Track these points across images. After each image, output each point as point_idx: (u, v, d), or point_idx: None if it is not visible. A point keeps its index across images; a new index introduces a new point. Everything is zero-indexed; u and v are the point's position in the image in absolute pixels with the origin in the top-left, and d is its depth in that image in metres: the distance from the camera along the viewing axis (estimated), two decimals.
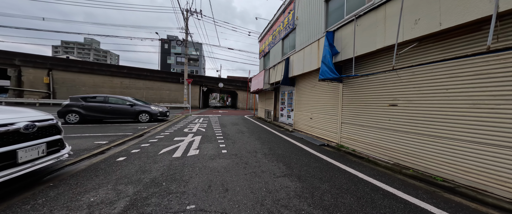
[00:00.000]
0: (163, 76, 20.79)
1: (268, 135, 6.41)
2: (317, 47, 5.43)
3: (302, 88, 7.09)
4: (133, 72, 19.76)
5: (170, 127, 7.59)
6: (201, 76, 23.57)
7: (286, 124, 9.09)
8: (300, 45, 7.59)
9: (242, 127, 8.29)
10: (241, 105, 24.86)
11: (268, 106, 11.99)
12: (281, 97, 10.30)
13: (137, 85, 19.99)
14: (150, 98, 20.42)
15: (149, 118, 8.61)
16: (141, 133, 5.95)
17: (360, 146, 4.11)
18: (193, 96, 22.29)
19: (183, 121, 9.83)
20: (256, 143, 4.99)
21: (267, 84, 10.87)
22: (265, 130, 7.63)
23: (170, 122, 9.00)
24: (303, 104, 7.00)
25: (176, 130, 6.77)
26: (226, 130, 7.11)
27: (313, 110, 6.20)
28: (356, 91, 4.26)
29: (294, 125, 7.78)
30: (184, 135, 5.84)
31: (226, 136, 5.88)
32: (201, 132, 6.59)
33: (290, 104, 8.91)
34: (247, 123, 9.74)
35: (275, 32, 11.05)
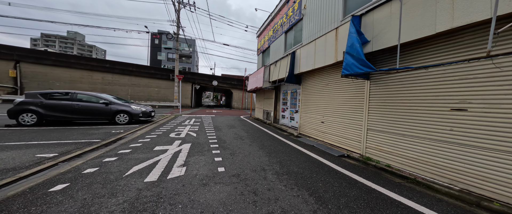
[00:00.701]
0: (152, 73, 19.12)
1: (272, 141, 5.39)
2: (334, 37, 4.48)
3: (311, 86, 6.14)
4: (117, 67, 17.92)
5: (154, 130, 6.34)
6: (194, 73, 22.10)
7: (288, 127, 8.13)
8: (308, 37, 6.63)
9: (240, 130, 7.20)
10: (236, 105, 23.69)
11: (267, 106, 10.98)
12: (282, 97, 9.33)
13: (121, 81, 18.17)
14: (136, 96, 18.68)
15: (129, 119, 7.28)
16: (113, 139, 4.69)
17: (398, 161, 3.20)
18: (185, 94, 20.80)
19: (171, 122, 8.56)
20: (261, 154, 3.95)
21: (267, 83, 9.85)
22: (267, 134, 6.60)
23: (155, 124, 7.71)
24: (312, 105, 6.05)
25: (160, 135, 5.55)
26: (222, 135, 6.00)
27: (326, 112, 5.25)
28: (393, 91, 3.34)
29: (299, 128, 6.82)
30: (169, 142, 4.66)
31: (222, 144, 4.78)
32: (191, 137, 5.43)
33: (294, 105, 7.95)
34: (245, 125, 8.67)
35: (276, 25, 10.05)
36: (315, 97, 5.86)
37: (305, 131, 6.42)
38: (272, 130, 7.75)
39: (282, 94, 9.38)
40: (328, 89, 5.21)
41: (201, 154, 3.81)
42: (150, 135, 5.48)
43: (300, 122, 6.81)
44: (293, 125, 7.90)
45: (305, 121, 6.49)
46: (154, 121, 8.54)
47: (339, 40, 4.30)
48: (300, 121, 6.79)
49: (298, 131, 6.88)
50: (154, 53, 45.19)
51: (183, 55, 47.42)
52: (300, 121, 6.82)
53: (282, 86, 9.54)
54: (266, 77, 9.85)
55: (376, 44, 3.35)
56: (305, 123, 6.48)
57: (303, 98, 6.66)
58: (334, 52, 4.48)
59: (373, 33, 3.41)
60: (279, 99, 9.92)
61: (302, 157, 3.87)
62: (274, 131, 7.38)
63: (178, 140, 4.97)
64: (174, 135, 5.72)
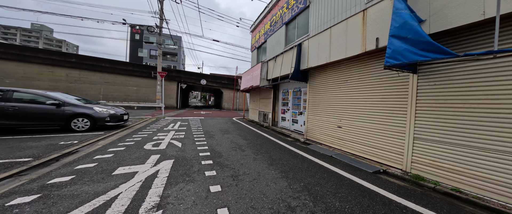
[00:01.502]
0: (129, 69, 16.85)
1: (280, 152, 4.31)
2: (361, 21, 3.56)
3: (322, 84, 5.20)
4: (86, 62, 15.38)
5: (124, 139, 4.85)
6: (180, 71, 20.19)
7: (291, 131, 7.14)
8: (317, 27, 5.71)
9: (236, 136, 6.01)
10: (226, 106, 22.25)
11: (264, 107, 9.91)
12: (282, 97, 8.34)
13: (91, 78, 15.65)
14: (110, 96, 16.27)
15: (91, 125, 5.64)
16: (53, 157, 3.20)
17: (470, 183, 2.33)
18: (169, 94, 18.82)
19: (151, 126, 7.02)
20: (275, 176, 2.84)
21: (264, 81, 8.79)
22: (270, 141, 5.50)
23: (128, 129, 6.14)
24: (324, 106, 5.11)
25: (131, 146, 4.13)
26: (216, 144, 4.75)
27: (345, 115, 4.33)
28: (459, 87, 2.47)
29: (306, 133, 5.85)
30: (142, 159, 3.31)
31: (218, 159, 3.56)
32: (174, 149, 4.10)
33: (297, 106, 7.00)
34: (240, 129, 7.48)
35: (275, 17, 9.05)
36: (328, 96, 4.93)
37: (314, 136, 5.46)
38: (273, 134, 6.69)
39: (281, 94, 8.40)
40: (347, 87, 4.29)
41: (188, 180, 2.57)
42: (116, 147, 4.03)
43: (307, 126, 5.85)
44: (297, 129, 6.93)
45: (313, 124, 5.54)
46: (127, 126, 6.92)
47: (369, 24, 3.39)
48: (307, 125, 5.83)
49: (304, 136, 5.91)
50: (134, 49, 41.44)
51: (168, 53, 44.33)
52: (307, 124, 5.85)
53: (281, 85, 8.55)
54: (263, 75, 8.78)
55: (438, 24, 2.46)
56: (313, 127, 5.52)
57: (311, 98, 5.71)
58: (360, 40, 3.56)
59: (430, 10, 2.53)
60: (278, 100, 8.92)
61: (331, 178, 2.84)
62: (276, 136, 6.32)
63: (156, 155, 3.63)
64: (151, 145, 4.33)
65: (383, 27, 3.10)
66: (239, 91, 23.07)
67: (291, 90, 7.53)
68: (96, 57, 16.02)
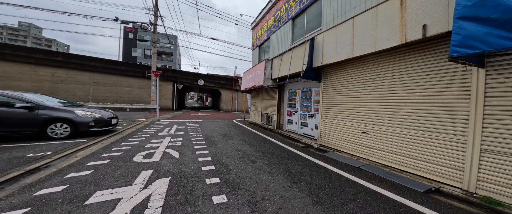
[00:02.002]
0: (121, 69, 15.86)
1: (296, 162, 3.64)
2: (399, 7, 2.96)
3: (341, 83, 4.58)
4: (73, 61, 14.30)
5: (110, 148, 4.07)
6: (176, 71, 19.30)
7: (300, 135, 6.50)
8: (333, 19, 5.11)
9: (241, 142, 5.31)
10: (225, 107, 21.47)
11: (268, 109, 9.25)
12: (288, 98, 7.71)
13: (79, 79, 14.57)
14: (100, 97, 15.24)
15: (72, 131, 4.83)
16: (13, 175, 2.43)
17: None
18: (165, 95, 17.91)
19: (144, 131, 6.23)
20: (304, 201, 2.16)
21: (269, 80, 8.13)
22: (281, 148, 4.84)
23: (117, 135, 5.35)
24: (343, 108, 4.49)
25: (117, 158, 3.37)
26: (220, 153, 4.04)
27: (372, 118, 3.71)
28: None
29: (320, 138, 5.22)
30: (128, 178, 2.57)
31: (225, 175, 2.86)
32: (170, 161, 3.37)
33: (308, 107, 6.37)
34: (244, 133, 6.78)
35: (279, 11, 8.43)
36: (349, 97, 4.31)
37: (330, 142, 4.83)
38: (280, 139, 6.02)
39: (287, 94, 7.76)
40: (375, 86, 3.68)
41: (191, 212, 1.86)
42: (99, 160, 3.26)
43: (320, 130, 5.22)
44: (307, 133, 6.30)
45: (329, 129, 4.91)
46: (117, 131, 6.11)
47: (411, 9, 2.79)
48: (321, 129, 5.19)
49: (317, 142, 5.28)
50: (127, 49, 40.11)
51: (163, 53, 43.16)
52: (320, 128, 5.22)
53: (287, 85, 7.92)
54: (267, 74, 8.12)
55: None
56: (329, 132, 4.89)
57: (326, 99, 5.09)
58: (397, 29, 2.96)
59: None
60: (283, 101, 8.28)
61: (377, 202, 2.19)
62: (284, 141, 5.66)
63: (147, 170, 2.90)
64: (142, 156, 3.58)
65: (433, 11, 2.50)
66: (238, 92, 22.35)
67: (299, 90, 6.91)
68: (85, 56, 14.97)
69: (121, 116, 11.22)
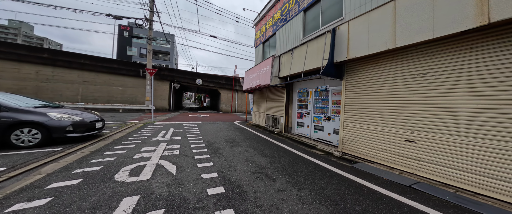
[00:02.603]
0: (114, 67, 14.83)
1: (326, 179, 2.87)
2: None
3: (372, 80, 3.85)
4: (60, 57, 13.21)
5: (88, 160, 3.20)
6: (173, 70, 18.36)
7: (313, 140, 5.74)
8: (359, 6, 4.38)
9: (250, 149, 4.51)
10: (224, 108, 20.60)
11: (274, 110, 8.48)
12: (298, 98, 6.97)
13: (67, 77, 13.48)
14: (90, 97, 14.16)
15: (43, 138, 3.94)
16: None
17: None
18: (161, 95, 16.94)
19: (135, 136, 5.35)
20: None
21: (276, 79, 7.37)
22: (298, 158, 4.07)
23: (101, 142, 4.46)
24: (376, 110, 3.75)
25: (94, 176, 2.52)
26: (227, 166, 3.23)
27: (423, 123, 2.97)
28: None
29: (342, 145, 4.47)
30: (103, 212, 1.74)
31: (241, 205, 2.05)
32: (165, 180, 2.54)
33: (323, 109, 5.63)
34: (250, 138, 5.97)
35: (288, 4, 7.71)
36: (384, 97, 3.58)
37: (357, 150, 4.09)
38: (293, 145, 5.26)
39: (297, 94, 7.02)
40: (426, 83, 2.95)
41: None
42: (67, 179, 2.40)
43: (342, 136, 4.47)
44: (322, 138, 5.55)
45: (355, 134, 4.16)
46: (103, 136, 5.22)
47: None
48: (343, 134, 4.45)
49: (339, 149, 4.53)
50: (122, 48, 38.83)
51: (160, 52, 42.00)
52: (342, 133, 4.47)
53: (296, 84, 7.19)
54: (275, 72, 7.37)
55: None
56: (355, 138, 4.15)
57: (350, 99, 4.35)
58: (473, 5, 2.23)
59: None
60: (292, 102, 7.53)
61: None
62: (298, 148, 4.89)
63: (132, 197, 2.07)
64: (128, 173, 2.74)
65: None
66: (238, 92, 21.54)
67: (312, 90, 6.17)
68: (73, 53, 13.90)
69: (112, 118, 10.26)
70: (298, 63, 5.81)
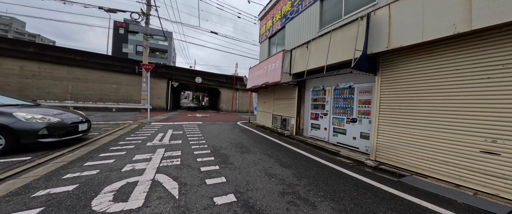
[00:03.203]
0: (107, 63, 13.83)
1: (384, 204, 2.13)
2: None
3: (421, 74, 3.15)
4: (48, 53, 12.16)
5: (61, 173, 2.39)
6: (170, 67, 17.43)
7: (333, 145, 5.01)
8: None
9: (265, 157, 3.74)
10: (225, 107, 19.77)
11: (283, 110, 7.75)
12: (312, 97, 6.25)
13: (56, 73, 12.45)
14: (81, 95, 13.15)
15: (7, 144, 3.09)
16: None
17: None
18: (158, 93, 16.02)
19: (127, 140, 4.51)
20: None
21: (287, 76, 6.64)
22: (327, 169, 3.33)
23: (84, 148, 3.63)
24: (428, 112, 3.04)
25: (59, 204, 1.70)
26: (245, 182, 2.46)
27: (510, 131, 2.26)
28: None
29: (375, 152, 3.76)
30: None
31: None
32: (164, 209, 1.76)
33: (345, 109, 4.91)
34: (260, 142, 5.21)
35: None
36: (445, 95, 2.87)
37: (400, 160, 3.37)
38: (310, 151, 4.52)
39: (311, 93, 6.29)
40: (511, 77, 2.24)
41: None
42: (22, 209, 1.59)
43: (375, 141, 3.75)
44: (344, 143, 4.82)
45: (395, 140, 3.45)
46: (88, 140, 4.37)
47: None
48: (377, 140, 3.73)
49: (371, 157, 3.81)
50: (118, 44, 37.52)
51: (157, 49, 40.81)
52: (375, 139, 3.75)
53: (309, 81, 6.48)
54: (285, 68, 6.63)
55: None
56: (395, 145, 3.43)
57: (388, 98, 3.64)
58: None
59: None
60: (304, 101, 6.81)
61: None
62: (318, 154, 4.16)
63: None
64: (112, 196, 1.95)
65: None
66: (239, 91, 20.74)
67: (330, 87, 5.45)
68: (62, 47, 12.86)
69: (104, 118, 9.35)
70: (317, 57, 5.08)
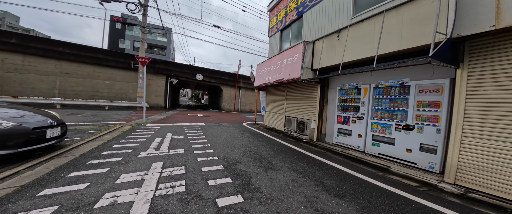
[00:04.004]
0: (100, 58, 12.62)
1: None
2: None
3: None
4: (33, 44, 10.90)
5: None
6: (169, 63, 16.28)
7: (370, 156, 4.02)
8: None
9: (297, 176, 2.73)
10: (227, 106, 18.71)
11: (299, 112, 6.74)
12: (340, 96, 5.25)
13: (41, 68, 11.23)
14: (70, 92, 11.96)
15: None
16: None
17: None
18: (156, 91, 14.88)
19: (113, 149, 3.45)
20: None
21: (309, 72, 5.63)
22: (393, 197, 2.33)
23: (51, 162, 2.57)
24: None
25: None
26: None
27: None
28: None
29: (454, 174, 2.78)
30: None
31: None
32: None
33: (392, 113, 3.91)
34: (282, 152, 4.19)
35: None
36: None
37: (500, 187, 2.38)
38: (346, 164, 3.53)
39: (338, 92, 5.29)
40: None
41: None
42: None
43: (454, 158, 2.77)
44: (390, 155, 3.83)
45: (496, 161, 2.46)
46: (63, 149, 3.29)
47: None
48: (458, 156, 2.74)
49: (448, 180, 2.84)
50: (115, 40, 36.10)
51: (156, 46, 39.43)
52: (456, 155, 2.78)
53: (334, 79, 5.50)
54: (307, 63, 5.61)
55: None
56: (496, 167, 2.44)
57: (482, 100, 2.65)
58: None
59: None
60: (327, 101, 5.82)
61: None
62: (360, 170, 3.17)
63: None
64: None
65: None
66: (242, 90, 19.67)
67: (367, 85, 4.46)
68: (49, 39, 11.65)
69: (94, 117, 8.24)
70: (357, 47, 4.07)
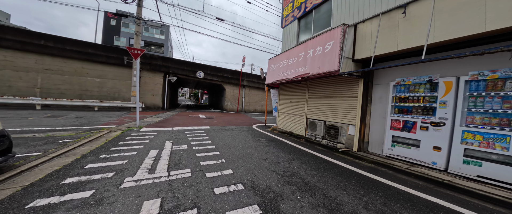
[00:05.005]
0: (89, 53, 11.16)
1: None
2: None
3: None
4: (9, 37, 9.39)
5: None
6: (167, 59, 14.86)
7: (464, 179, 2.75)
8: None
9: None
10: (230, 106, 17.37)
11: (329, 114, 5.46)
12: (395, 94, 3.99)
13: (20, 63, 9.74)
14: (54, 90, 10.50)
15: None
16: None
17: None
18: (153, 89, 13.47)
19: (84, 171, 2.13)
20: None
21: (349, 62, 4.35)
22: None
23: None
24: None
25: None
26: None
27: None
28: None
29: None
30: None
31: None
32: None
33: (509, 119, 2.62)
34: (326, 172, 2.91)
35: None
36: None
37: None
38: (429, 190, 2.26)
39: (393, 89, 4.02)
40: None
41: None
42: None
43: None
44: (492, 177, 2.55)
45: None
46: (5, 174, 1.93)
47: None
48: None
49: None
50: (109, 36, 34.34)
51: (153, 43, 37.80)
52: None
53: (382, 73, 4.24)
54: (347, 52, 4.33)
55: None
56: None
57: None
58: None
59: None
60: (371, 101, 4.55)
61: None
62: (466, 204, 1.89)
63: None
64: None
65: None
66: (245, 88, 18.34)
67: (452, 79, 3.19)
68: (28, 31, 10.17)
69: (78, 120, 6.86)
70: (451, 21, 2.79)
